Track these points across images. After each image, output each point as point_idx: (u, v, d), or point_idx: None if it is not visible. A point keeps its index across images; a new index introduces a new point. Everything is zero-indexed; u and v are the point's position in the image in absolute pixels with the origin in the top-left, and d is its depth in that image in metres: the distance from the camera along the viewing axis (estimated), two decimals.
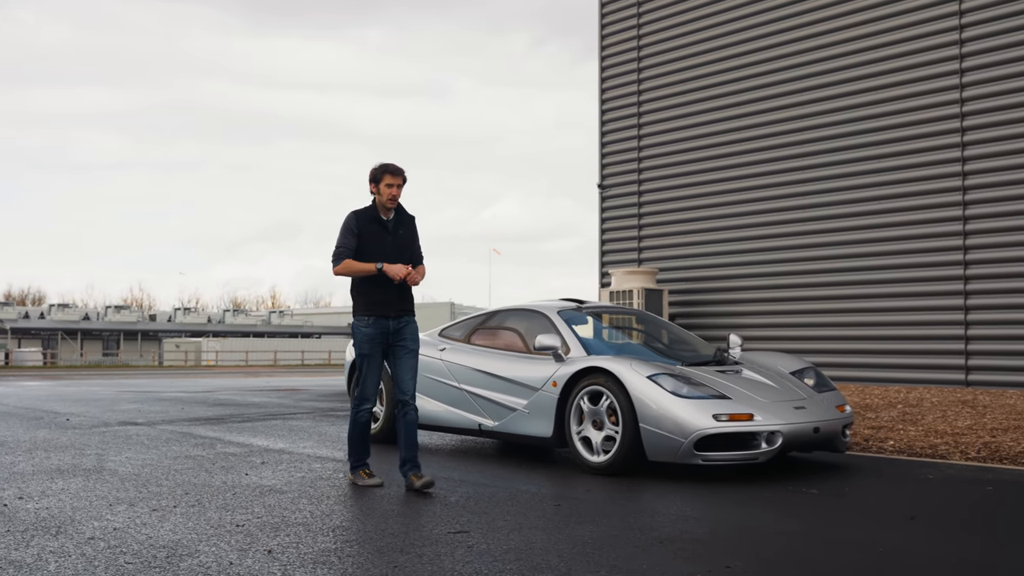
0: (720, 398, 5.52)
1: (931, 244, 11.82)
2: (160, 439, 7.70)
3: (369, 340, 5.22)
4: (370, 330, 5.22)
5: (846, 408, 6.05)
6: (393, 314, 5.25)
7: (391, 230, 5.31)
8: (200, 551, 3.70)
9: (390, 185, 5.23)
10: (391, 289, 5.24)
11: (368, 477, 5.32)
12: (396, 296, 5.26)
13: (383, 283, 5.22)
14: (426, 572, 3.38)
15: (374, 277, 5.21)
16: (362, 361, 5.28)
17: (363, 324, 5.24)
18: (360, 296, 5.28)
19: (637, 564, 3.48)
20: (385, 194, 5.24)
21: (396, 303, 5.27)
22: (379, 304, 5.22)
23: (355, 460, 5.38)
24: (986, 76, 11.45)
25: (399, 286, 5.27)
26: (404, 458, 5.21)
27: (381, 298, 5.23)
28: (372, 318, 5.22)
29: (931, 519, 4.35)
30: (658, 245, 14.95)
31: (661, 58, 15.03)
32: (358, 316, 5.28)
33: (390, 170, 5.26)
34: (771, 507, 4.68)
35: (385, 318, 5.23)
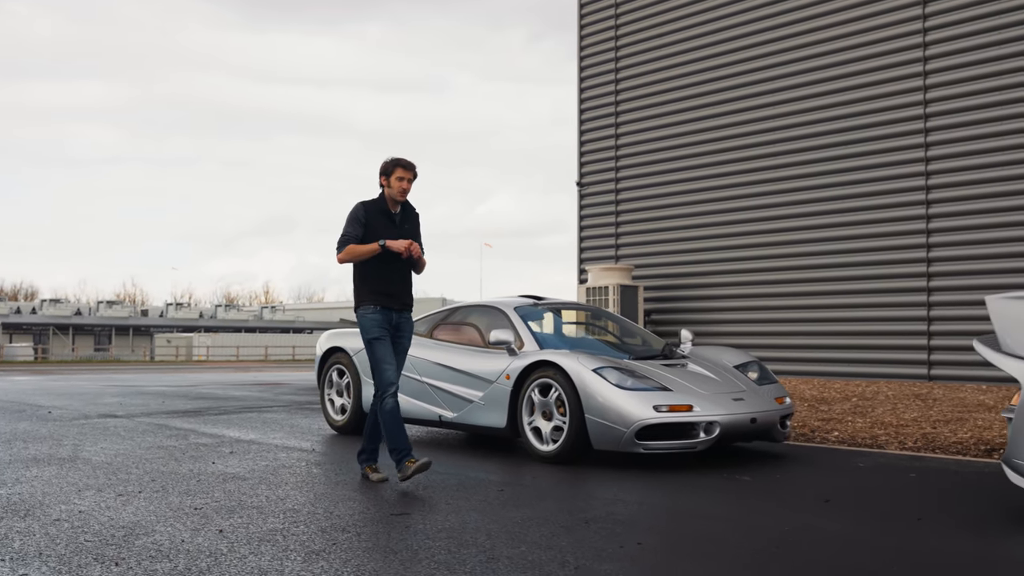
0: (662, 390, 5.82)
1: (895, 242, 12.14)
2: (136, 431, 7.98)
3: (379, 324, 5.23)
4: (378, 315, 5.23)
5: (786, 400, 6.36)
6: (396, 306, 5.30)
7: (398, 223, 5.36)
8: (156, 531, 3.98)
9: (401, 179, 5.29)
10: (396, 280, 5.30)
11: (412, 463, 5.06)
12: (400, 288, 5.32)
13: (388, 274, 5.27)
14: (361, 548, 3.67)
15: (379, 267, 5.24)
16: (373, 346, 5.22)
17: (369, 311, 5.25)
18: (364, 286, 5.29)
19: (557, 541, 3.78)
20: (396, 187, 5.28)
21: (399, 295, 5.32)
22: (384, 295, 5.26)
23: (400, 453, 5.11)
24: (949, 78, 11.75)
25: (403, 279, 5.33)
26: (365, 447, 5.42)
27: (386, 288, 5.27)
28: (378, 307, 5.25)
29: (845, 502, 4.65)
30: (634, 243, 15.25)
31: (638, 58, 15.32)
32: (363, 305, 5.27)
33: (402, 164, 5.31)
34: (701, 492, 4.98)
35: (389, 309, 5.27)
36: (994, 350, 4.23)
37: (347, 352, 7.67)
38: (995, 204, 11.31)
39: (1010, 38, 11.25)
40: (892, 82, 12.24)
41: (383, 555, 3.55)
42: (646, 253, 15.00)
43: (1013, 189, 11.17)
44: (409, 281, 5.41)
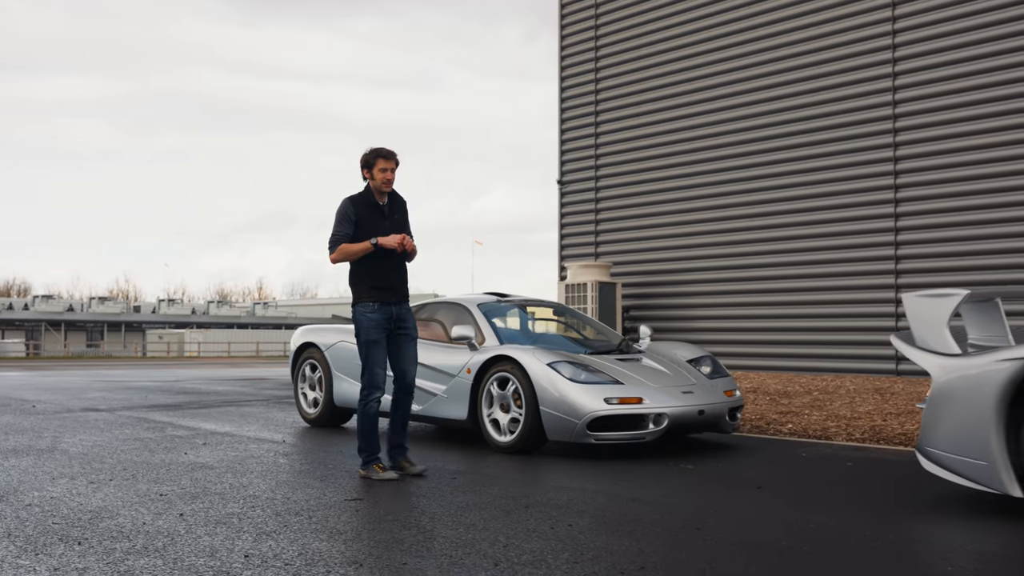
0: (614, 383, 6.09)
1: (865, 240, 12.43)
2: (116, 423, 8.23)
3: (376, 326, 5.19)
4: (376, 316, 5.19)
5: (735, 393, 6.63)
6: (395, 299, 5.28)
7: (387, 214, 5.32)
8: (120, 514, 4.24)
9: (384, 169, 5.24)
10: (392, 274, 5.27)
11: (383, 471, 5.20)
12: (397, 281, 5.29)
13: (385, 269, 5.24)
14: (310, 529, 3.93)
15: (375, 263, 5.22)
16: (368, 348, 5.21)
17: (368, 311, 5.20)
18: (362, 282, 5.25)
19: (494, 523, 4.05)
20: (379, 178, 5.24)
21: (398, 288, 5.29)
22: (383, 290, 5.23)
23: (367, 455, 5.25)
24: (917, 80, 12.04)
25: (399, 271, 5.31)
26: (394, 444, 5.40)
27: (384, 283, 5.24)
28: (377, 304, 5.20)
29: (776, 489, 4.93)
30: (614, 240, 15.53)
31: (617, 58, 15.59)
32: (362, 303, 5.22)
33: (382, 154, 5.25)
34: (641, 479, 5.25)
35: (388, 304, 5.24)
36: (909, 345, 4.51)
37: (319, 347, 7.93)
38: (962, 202, 11.60)
39: (978, 40, 11.52)
40: (862, 83, 12.52)
41: (328, 536, 3.82)
42: (625, 251, 15.28)
43: (980, 188, 11.46)
44: (405, 273, 5.40)
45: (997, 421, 4.10)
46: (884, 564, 3.35)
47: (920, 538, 3.80)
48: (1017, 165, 11.13)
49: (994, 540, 3.75)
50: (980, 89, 11.47)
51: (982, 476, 4.18)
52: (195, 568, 3.29)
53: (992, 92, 11.36)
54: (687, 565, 3.33)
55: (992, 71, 11.39)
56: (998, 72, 11.33)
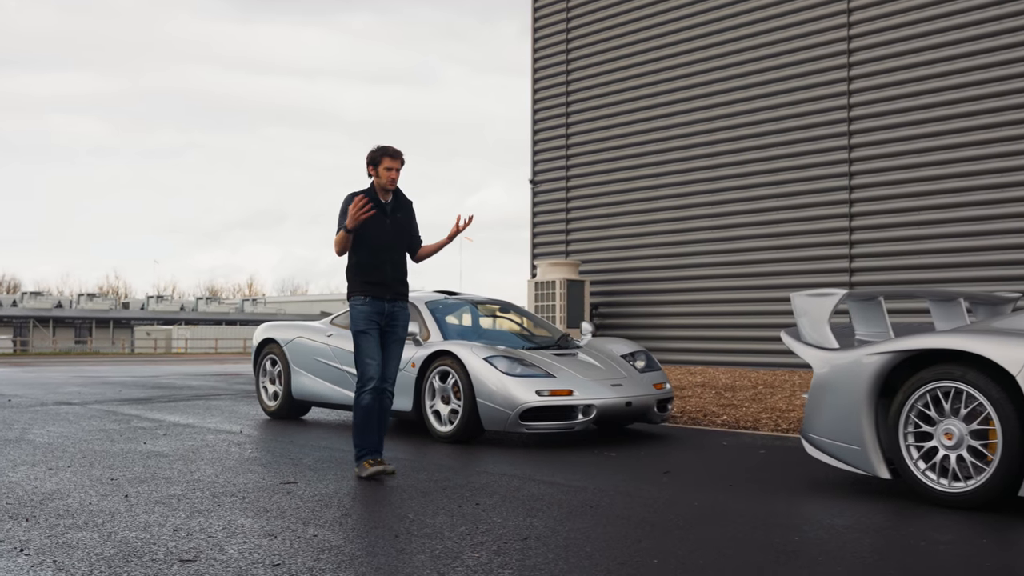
0: (546, 376, 6.49)
1: (821, 239, 12.84)
2: (85, 416, 8.60)
3: (366, 317, 5.21)
4: (367, 308, 5.22)
5: (665, 386, 7.04)
6: (389, 296, 5.27)
7: (389, 213, 5.32)
8: (70, 496, 4.62)
9: (389, 168, 5.25)
10: (387, 270, 5.28)
11: (371, 467, 5.14)
12: (392, 278, 5.30)
13: (380, 263, 5.25)
14: (239, 508, 4.32)
15: (370, 258, 5.23)
16: (359, 339, 5.22)
17: (360, 303, 5.24)
18: (356, 277, 5.28)
19: (409, 503, 4.44)
20: (384, 177, 5.25)
21: (392, 285, 5.29)
22: (375, 285, 5.24)
23: (360, 450, 5.20)
24: (871, 84, 12.45)
25: (396, 268, 5.32)
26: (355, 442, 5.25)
27: (379, 278, 5.25)
28: (369, 297, 5.24)
29: (681, 474, 5.33)
30: (583, 239, 15.93)
31: (587, 61, 15.98)
32: (354, 296, 5.27)
33: (389, 153, 5.27)
34: (562, 465, 5.65)
35: (380, 299, 5.25)
36: (795, 339, 4.92)
37: (279, 343, 8.31)
38: (913, 203, 12.01)
39: (932, 45, 11.93)
40: (819, 87, 12.93)
41: (255, 513, 4.20)
42: (594, 249, 15.68)
43: (932, 189, 11.86)
44: (403, 270, 5.39)
45: (867, 409, 4.51)
46: (738, 536, 3.75)
47: (784, 514, 4.21)
48: (970, 167, 11.53)
49: (849, 515, 4.16)
50: (933, 93, 11.87)
51: (856, 459, 4.59)
52: (126, 540, 3.67)
53: (945, 96, 11.76)
54: (568, 536, 3.73)
55: (946, 75, 11.79)
56: (951, 76, 11.72)
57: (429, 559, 3.37)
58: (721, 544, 3.60)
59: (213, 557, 3.40)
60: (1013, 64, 11.14)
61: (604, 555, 3.44)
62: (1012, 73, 11.13)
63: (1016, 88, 11.10)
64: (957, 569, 3.27)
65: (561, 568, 3.25)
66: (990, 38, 11.37)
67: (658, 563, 3.32)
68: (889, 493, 4.65)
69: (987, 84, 11.36)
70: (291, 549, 3.52)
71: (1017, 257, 11.05)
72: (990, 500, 4.10)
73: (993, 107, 11.32)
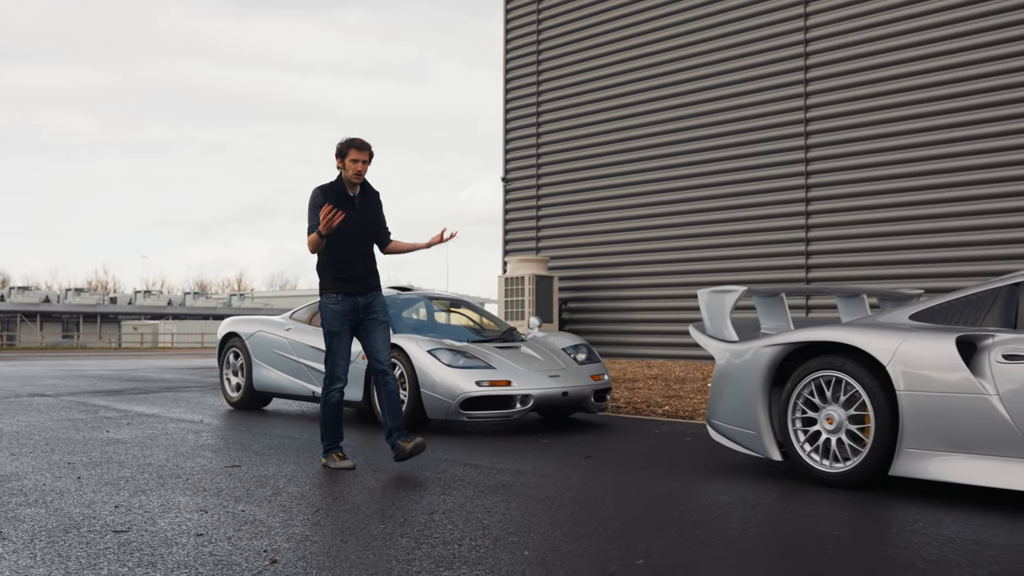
0: (487, 368, 6.87)
1: (779, 236, 13.24)
2: (56, 407, 8.94)
3: (339, 317, 5.22)
4: (339, 307, 5.22)
5: (603, 377, 7.42)
6: (360, 290, 5.29)
7: (357, 205, 5.33)
8: (26, 478, 4.98)
9: (355, 160, 5.23)
10: (358, 264, 5.28)
11: (340, 460, 5.28)
12: (363, 272, 5.31)
13: (349, 258, 5.26)
14: (180, 488, 4.68)
15: (339, 253, 5.25)
16: (331, 339, 5.26)
17: (331, 302, 5.24)
18: (327, 273, 5.28)
19: (338, 484, 4.81)
20: (351, 169, 5.24)
21: (363, 279, 5.30)
22: (347, 281, 5.24)
23: (328, 443, 5.34)
24: (826, 86, 12.84)
25: (366, 261, 5.34)
26: (391, 428, 5.26)
27: (349, 274, 5.25)
28: (340, 295, 5.23)
29: (603, 458, 5.71)
30: (553, 235, 16.31)
31: (557, 61, 16.35)
32: (326, 294, 5.26)
33: (355, 144, 5.25)
34: (493, 450, 6.03)
35: (353, 295, 5.26)
36: (701, 333, 5.30)
37: (241, 337, 8.66)
38: (866, 202, 12.41)
39: (885, 48, 12.33)
40: (777, 88, 13.32)
41: (194, 492, 4.57)
42: (563, 245, 16.06)
43: (886, 188, 12.26)
44: (373, 263, 5.41)
45: (762, 397, 4.90)
46: (628, 510, 4.13)
47: (679, 492, 4.59)
48: (920, 167, 11.93)
49: (735, 493, 4.55)
50: (886, 95, 12.26)
51: (752, 443, 4.98)
52: (70, 515, 4.04)
53: (898, 98, 12.15)
54: (472, 510, 4.11)
55: (900, 78, 12.18)
56: (906, 79, 12.11)
57: (339, 530, 3.75)
58: (608, 517, 3.99)
59: (144, 528, 3.76)
60: (963, 67, 11.54)
61: (498, 526, 3.81)
62: (963, 76, 11.53)
63: (966, 91, 11.49)
64: (805, 536, 3.65)
65: (454, 536, 3.63)
66: (940, 42, 11.77)
67: (543, 532, 3.70)
68: (782, 474, 5.05)
69: (940, 87, 11.74)
70: (217, 522, 3.89)
71: (964, 255, 11.47)
72: (866, 479, 4.49)
73: (943, 109, 11.71)
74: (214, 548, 3.44)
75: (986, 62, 11.33)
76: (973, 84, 11.41)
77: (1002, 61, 11.21)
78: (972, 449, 4.16)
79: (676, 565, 3.22)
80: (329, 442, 5.35)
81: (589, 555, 3.35)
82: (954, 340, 4.25)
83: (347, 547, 3.46)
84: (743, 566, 3.20)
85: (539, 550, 3.42)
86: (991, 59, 11.30)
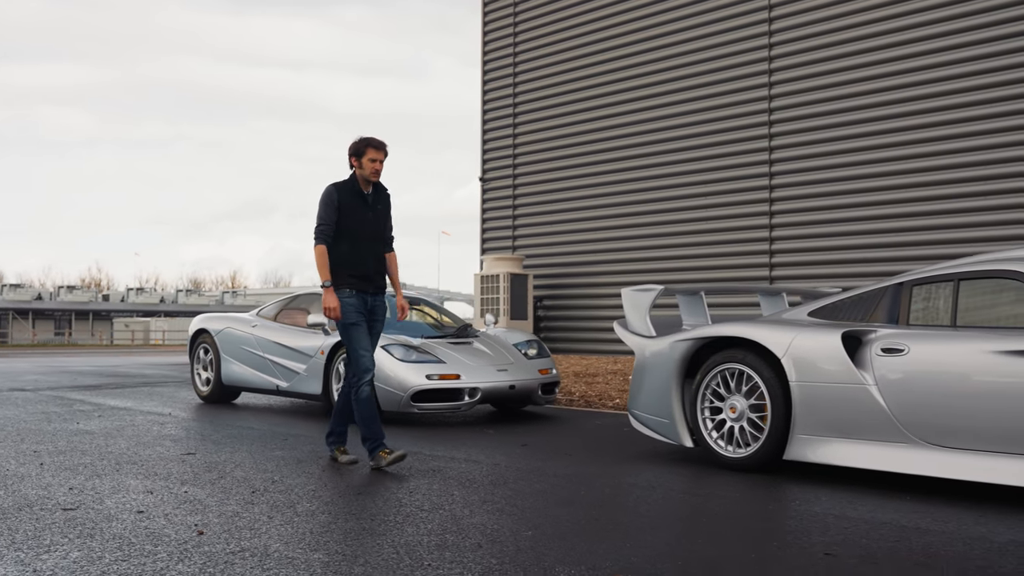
0: (437, 362, 7.25)
1: (744, 235, 13.63)
2: (33, 400, 9.30)
3: (355, 309, 5.26)
4: (353, 299, 5.27)
5: (551, 372, 7.81)
6: (372, 290, 5.34)
7: (371, 204, 5.37)
8: None
9: (373, 160, 5.26)
10: (371, 264, 5.35)
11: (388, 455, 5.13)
12: (374, 271, 5.37)
13: (364, 257, 5.32)
14: (133, 473, 5.05)
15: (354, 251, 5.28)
16: (349, 331, 5.27)
17: (345, 296, 5.27)
18: (340, 270, 5.29)
19: (282, 470, 5.19)
20: (368, 168, 5.26)
21: (374, 279, 5.37)
22: (360, 279, 5.30)
23: (372, 443, 5.20)
24: (789, 88, 13.23)
25: (378, 260, 5.40)
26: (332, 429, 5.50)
27: (363, 272, 5.31)
28: (353, 291, 5.29)
29: (537, 446, 6.10)
30: (529, 234, 16.70)
31: (533, 64, 16.73)
32: (339, 289, 5.28)
33: (373, 144, 5.27)
34: (437, 440, 6.40)
35: (364, 292, 5.32)
36: (623, 328, 5.68)
37: (210, 333, 9.03)
38: (828, 202, 12.79)
39: (847, 52, 12.72)
40: (742, 92, 13.71)
41: (145, 476, 4.94)
42: (538, 244, 16.45)
43: (847, 189, 12.64)
44: (383, 263, 5.47)
45: (675, 388, 5.28)
46: (541, 490, 4.51)
47: (595, 475, 4.97)
48: (882, 167, 12.31)
49: (646, 476, 4.94)
50: (849, 98, 12.64)
51: (667, 431, 5.37)
52: (26, 496, 4.40)
53: (860, 100, 12.53)
54: (395, 490, 4.48)
55: (860, 81, 12.57)
56: (866, 82, 12.50)
57: (269, 508, 4.12)
58: (517, 496, 4.37)
59: (91, 507, 4.14)
60: (923, 71, 11.91)
61: (413, 504, 4.19)
62: (922, 80, 11.90)
63: (926, 94, 11.86)
64: (687, 512, 4.03)
65: (369, 512, 4.01)
66: (901, 46, 12.14)
67: (453, 509, 4.08)
68: (694, 460, 5.43)
69: (901, 89, 12.11)
70: (159, 501, 4.26)
71: (923, 253, 11.87)
72: (764, 463, 4.88)
73: (904, 111, 12.07)
74: (150, 523, 3.81)
75: (945, 66, 11.70)
76: (933, 87, 11.77)
77: (961, 65, 11.57)
78: (854, 435, 4.55)
79: (559, 534, 3.60)
80: (373, 441, 5.19)
81: (487, 528, 3.72)
82: (840, 335, 4.63)
83: (272, 522, 3.83)
84: (616, 534, 3.58)
85: (443, 523, 3.80)
86: (950, 63, 11.66)
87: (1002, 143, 11.23)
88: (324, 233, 5.24)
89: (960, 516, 3.92)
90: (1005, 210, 11.19)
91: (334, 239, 5.27)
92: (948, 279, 4.60)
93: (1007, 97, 11.19)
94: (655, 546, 3.42)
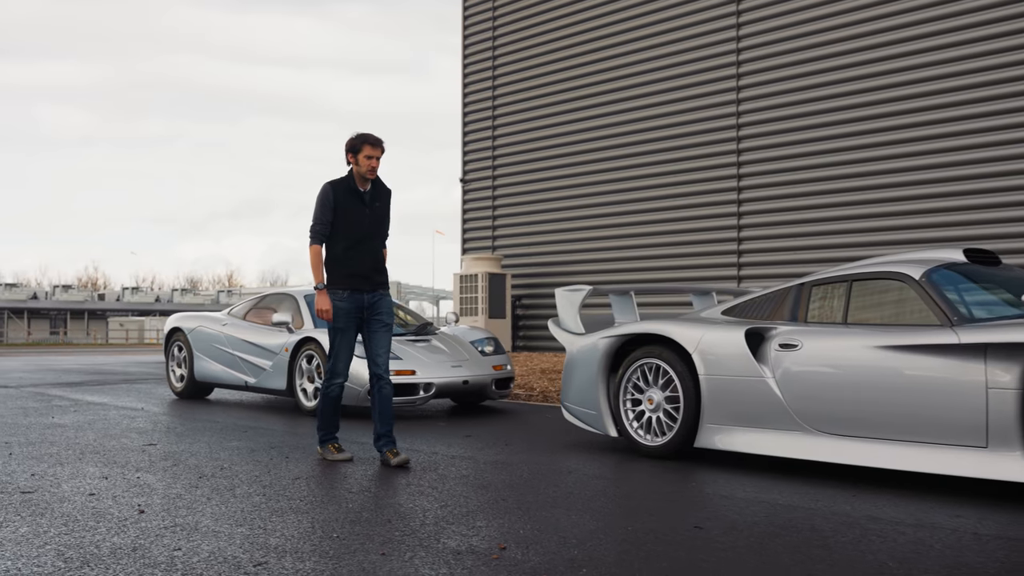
0: (394, 359, 7.61)
1: (713, 236, 14.02)
2: (14, 396, 9.68)
3: (345, 314, 5.21)
4: (345, 304, 5.20)
5: (505, 368, 8.19)
6: (368, 288, 5.27)
7: (368, 202, 5.28)
8: None
9: (370, 156, 5.18)
10: (368, 262, 5.27)
11: (337, 452, 5.41)
12: (371, 270, 5.29)
13: (360, 255, 5.25)
14: (97, 461, 5.43)
15: (350, 250, 5.23)
16: (335, 335, 5.28)
17: (338, 298, 5.20)
18: (337, 267, 5.23)
19: (232, 457, 5.57)
20: (364, 165, 5.19)
21: (372, 276, 5.29)
22: (354, 277, 5.21)
23: (324, 434, 5.46)
24: (757, 92, 13.61)
25: (375, 259, 5.33)
26: (379, 432, 5.31)
27: (359, 270, 5.23)
28: (347, 292, 5.21)
29: (480, 437, 6.48)
30: (508, 234, 17.09)
31: (512, 67, 17.12)
32: (332, 289, 5.22)
33: (370, 140, 5.20)
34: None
35: (360, 292, 5.25)
36: (556, 326, 6.07)
37: (184, 331, 9.41)
38: (795, 203, 13.17)
39: (814, 57, 13.10)
40: (712, 95, 14.09)
41: (104, 464, 5.32)
42: (516, 244, 16.84)
43: (815, 190, 13.02)
44: (381, 261, 5.40)
45: (601, 381, 5.67)
46: (464, 475, 4.89)
47: (521, 463, 5.36)
48: (847, 169, 12.69)
49: (571, 462, 5.32)
50: (816, 101, 13.01)
51: (594, 422, 5.75)
52: None
53: (827, 104, 12.90)
54: (338, 476, 4.86)
55: (827, 84, 12.95)
56: (833, 86, 12.87)
57: (210, 491, 4.50)
58: (440, 480, 4.75)
59: (48, 490, 4.52)
60: (890, 75, 12.27)
61: (341, 487, 4.58)
62: (889, 83, 12.27)
63: (892, 97, 12.21)
64: (591, 492, 4.42)
65: (299, 495, 4.39)
66: (869, 51, 12.50)
67: (375, 492, 4.46)
68: (619, 449, 5.82)
69: (868, 93, 12.47)
70: (111, 485, 4.64)
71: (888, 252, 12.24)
72: (677, 450, 5.27)
73: (870, 115, 12.44)
74: (98, 504, 4.19)
75: (914, 69, 12.02)
76: (902, 90, 12.09)
77: (931, 68, 11.89)
78: (755, 424, 4.93)
79: (465, 513, 3.98)
80: (325, 432, 5.47)
81: (402, 507, 4.11)
82: (743, 331, 5.02)
83: (210, 503, 4.21)
84: (516, 512, 3.96)
85: (363, 503, 4.18)
86: (919, 66, 11.99)
87: (970, 145, 11.56)
88: (319, 233, 5.24)
89: (833, 495, 4.31)
90: (973, 210, 11.54)
91: (330, 237, 5.25)
92: (843, 280, 4.99)
93: (976, 100, 11.50)
94: (546, 521, 3.80)
